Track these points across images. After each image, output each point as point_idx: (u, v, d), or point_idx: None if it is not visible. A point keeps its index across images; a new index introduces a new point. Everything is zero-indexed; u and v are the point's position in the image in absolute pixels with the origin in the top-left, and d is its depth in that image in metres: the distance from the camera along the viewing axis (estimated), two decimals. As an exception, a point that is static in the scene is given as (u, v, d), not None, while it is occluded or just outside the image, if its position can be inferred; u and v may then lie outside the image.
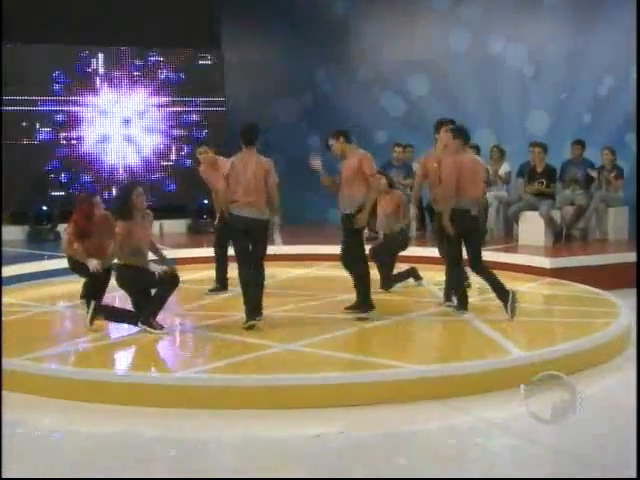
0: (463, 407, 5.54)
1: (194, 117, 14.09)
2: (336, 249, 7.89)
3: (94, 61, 13.58)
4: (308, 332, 6.93)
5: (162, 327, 7.00)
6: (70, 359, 6.40)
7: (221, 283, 8.82)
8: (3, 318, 7.37)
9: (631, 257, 9.82)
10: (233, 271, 7.92)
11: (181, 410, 5.44)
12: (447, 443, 5.02)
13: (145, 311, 6.99)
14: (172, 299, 7.35)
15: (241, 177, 7.11)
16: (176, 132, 14.01)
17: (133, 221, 6.99)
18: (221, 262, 8.79)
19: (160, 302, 7.05)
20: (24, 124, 13.28)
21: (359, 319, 7.29)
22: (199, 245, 11.56)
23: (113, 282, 7.44)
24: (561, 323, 7.38)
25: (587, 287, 8.89)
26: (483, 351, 6.33)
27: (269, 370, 5.83)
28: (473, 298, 8.41)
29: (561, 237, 11.09)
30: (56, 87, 13.37)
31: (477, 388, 5.74)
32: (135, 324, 6.99)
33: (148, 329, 6.92)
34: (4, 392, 5.64)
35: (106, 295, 7.71)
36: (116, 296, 8.12)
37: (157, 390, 5.60)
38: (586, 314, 7.56)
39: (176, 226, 13.86)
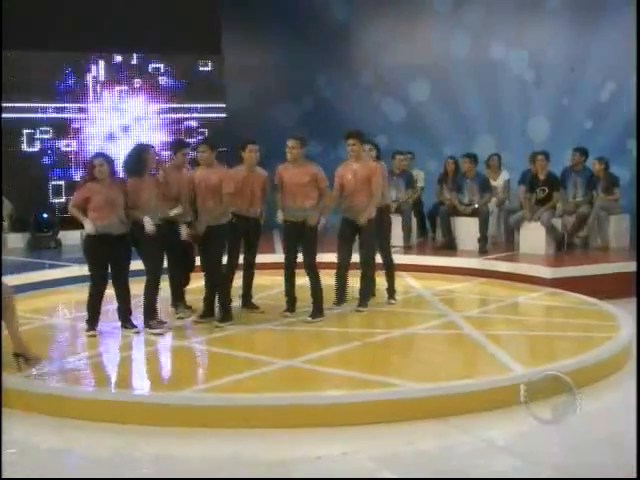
0: (464, 426, 5.51)
1: (194, 124, 14.05)
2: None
3: (95, 68, 13.57)
4: (309, 347, 6.96)
5: (164, 322, 7.66)
6: (69, 376, 6.31)
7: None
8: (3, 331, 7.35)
9: (632, 266, 9.80)
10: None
11: (182, 429, 5.43)
12: (448, 464, 5.01)
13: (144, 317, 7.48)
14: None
15: None
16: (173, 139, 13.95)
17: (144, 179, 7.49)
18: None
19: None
20: (25, 131, 13.24)
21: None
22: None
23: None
24: (562, 337, 7.35)
25: (588, 298, 8.87)
26: (484, 368, 6.32)
27: (269, 389, 5.82)
28: (472, 311, 8.43)
29: (563, 245, 11.07)
30: (57, 94, 13.35)
31: (478, 406, 5.71)
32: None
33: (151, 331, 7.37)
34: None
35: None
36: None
37: (156, 409, 5.58)
38: (587, 328, 7.55)
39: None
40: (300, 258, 8.00)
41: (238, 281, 8.34)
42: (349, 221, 8.23)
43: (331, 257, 8.50)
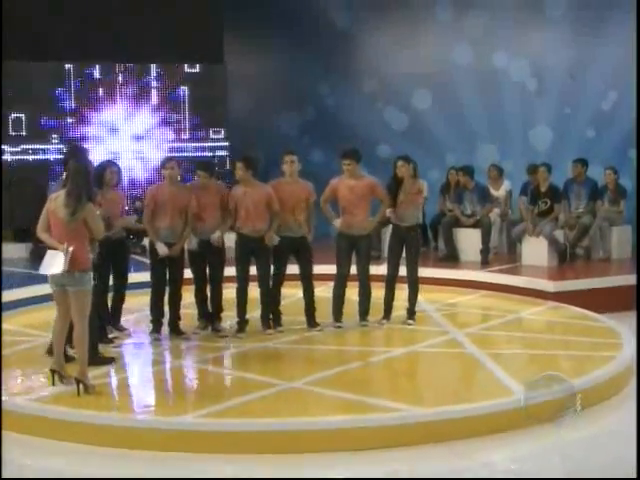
0: (465, 450, 5.53)
1: (195, 132, 14.03)
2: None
3: (95, 78, 13.53)
4: (310, 367, 6.96)
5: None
6: (68, 400, 6.20)
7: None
8: (3, 351, 7.35)
9: (633, 280, 9.80)
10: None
11: (181, 454, 5.44)
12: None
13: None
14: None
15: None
16: (175, 148, 13.94)
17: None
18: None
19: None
20: (26, 142, 13.24)
21: None
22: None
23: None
24: (564, 357, 7.34)
25: (590, 313, 8.87)
26: (485, 390, 6.31)
27: (271, 414, 5.80)
28: (474, 327, 8.43)
29: (565, 256, 11.07)
30: (57, 104, 13.34)
31: (479, 431, 5.72)
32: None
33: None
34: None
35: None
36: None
37: (155, 435, 5.59)
38: (590, 346, 7.55)
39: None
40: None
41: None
42: (346, 236, 8.29)
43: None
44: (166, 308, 8.10)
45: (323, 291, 8.63)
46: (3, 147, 12.99)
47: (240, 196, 8.03)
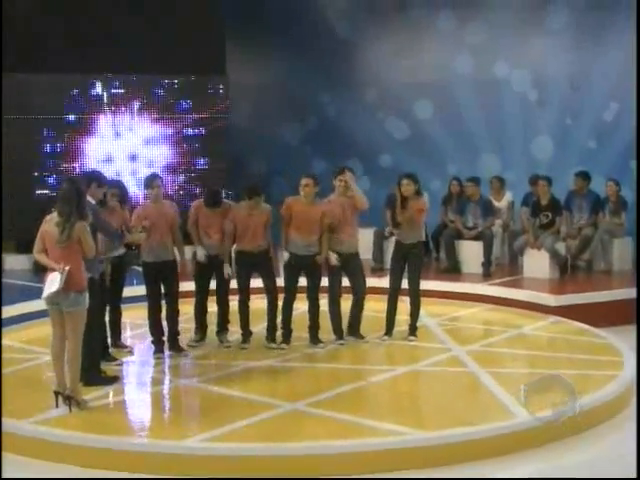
0: (468, 474, 5.55)
1: (196, 145, 14.02)
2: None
3: (98, 89, 13.52)
4: (313, 387, 7.00)
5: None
6: (64, 422, 6.21)
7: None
8: (5, 370, 7.39)
9: (634, 293, 9.81)
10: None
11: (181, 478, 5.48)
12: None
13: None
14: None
15: None
16: (178, 160, 13.95)
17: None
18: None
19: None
20: (31, 152, 13.25)
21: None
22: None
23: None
24: (565, 376, 7.33)
25: (592, 329, 8.89)
26: (487, 412, 6.31)
27: (272, 438, 5.81)
28: (476, 344, 8.44)
29: (566, 269, 11.08)
30: (62, 116, 13.34)
31: (481, 454, 5.74)
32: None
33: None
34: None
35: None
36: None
37: (154, 458, 5.62)
38: (591, 364, 7.55)
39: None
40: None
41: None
42: (336, 253, 8.32)
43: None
44: (164, 323, 8.19)
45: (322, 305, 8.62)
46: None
47: (244, 218, 8.19)
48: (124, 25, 13.34)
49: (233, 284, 8.43)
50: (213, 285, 8.51)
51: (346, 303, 8.48)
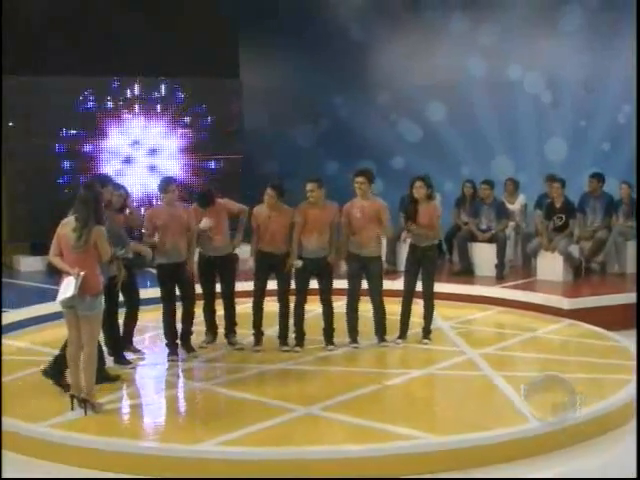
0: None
1: (210, 148, 14.05)
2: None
3: (111, 92, 13.56)
4: (328, 391, 6.97)
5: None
6: (79, 425, 6.24)
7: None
8: (19, 372, 7.45)
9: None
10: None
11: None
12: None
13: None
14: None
15: None
16: (191, 163, 13.99)
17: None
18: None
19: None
20: (45, 156, 13.29)
21: None
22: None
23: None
24: (579, 381, 7.30)
25: (606, 332, 8.87)
26: (501, 417, 6.30)
27: (287, 442, 5.83)
28: (491, 347, 8.43)
29: (580, 271, 11.05)
30: (75, 119, 13.37)
31: (495, 459, 5.75)
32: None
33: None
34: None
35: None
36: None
37: (169, 462, 5.65)
38: (605, 368, 7.54)
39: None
40: None
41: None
42: (356, 256, 8.33)
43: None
44: (179, 324, 8.22)
45: (338, 307, 8.63)
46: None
47: (264, 219, 8.21)
48: (138, 28, 13.39)
49: (247, 286, 8.46)
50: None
51: (363, 306, 8.52)
